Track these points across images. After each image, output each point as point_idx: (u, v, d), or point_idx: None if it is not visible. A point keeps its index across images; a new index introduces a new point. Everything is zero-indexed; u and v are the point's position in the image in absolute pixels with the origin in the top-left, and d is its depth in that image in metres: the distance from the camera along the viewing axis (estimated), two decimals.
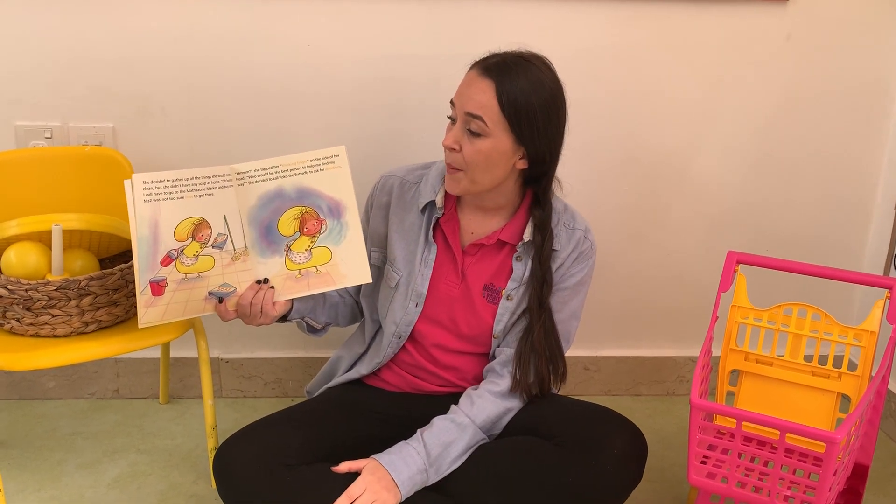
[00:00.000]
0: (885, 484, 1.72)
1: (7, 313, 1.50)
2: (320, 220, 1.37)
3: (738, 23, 1.81)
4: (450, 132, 1.35)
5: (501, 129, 1.31)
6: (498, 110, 1.30)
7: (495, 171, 1.35)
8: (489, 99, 1.30)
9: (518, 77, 1.30)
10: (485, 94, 1.30)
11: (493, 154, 1.33)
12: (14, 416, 1.87)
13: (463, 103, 1.33)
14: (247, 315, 1.37)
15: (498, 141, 1.32)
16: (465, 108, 1.32)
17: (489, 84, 1.30)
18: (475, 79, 1.32)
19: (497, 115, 1.30)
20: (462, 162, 1.34)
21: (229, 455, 1.32)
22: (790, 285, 1.82)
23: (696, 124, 1.88)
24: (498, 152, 1.33)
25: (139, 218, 1.30)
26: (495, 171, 1.35)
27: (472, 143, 1.33)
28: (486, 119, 1.30)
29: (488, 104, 1.30)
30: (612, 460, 1.31)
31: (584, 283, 1.47)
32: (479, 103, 1.30)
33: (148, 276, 1.32)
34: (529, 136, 1.32)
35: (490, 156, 1.33)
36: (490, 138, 1.32)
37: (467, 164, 1.34)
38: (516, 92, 1.30)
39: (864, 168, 1.95)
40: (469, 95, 1.32)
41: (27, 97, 1.73)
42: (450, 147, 1.35)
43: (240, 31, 1.72)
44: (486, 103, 1.30)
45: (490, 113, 1.30)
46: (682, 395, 2.08)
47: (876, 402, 1.45)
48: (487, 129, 1.31)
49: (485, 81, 1.30)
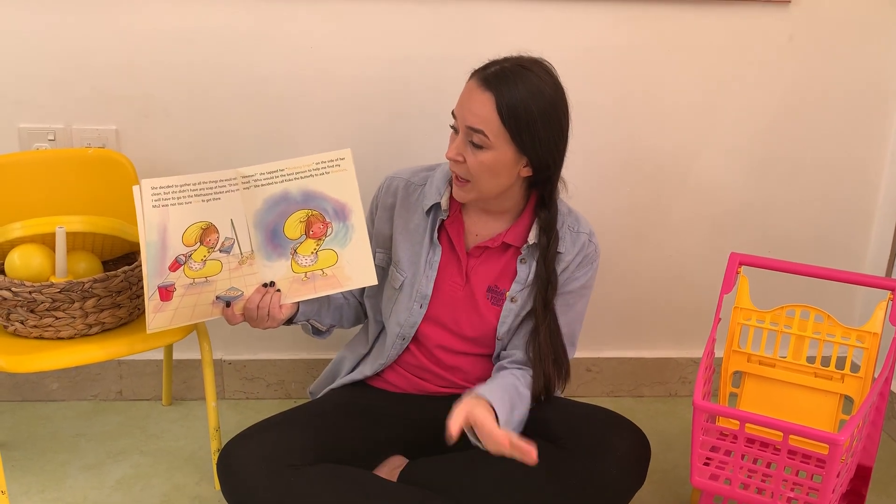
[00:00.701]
0: (888, 485, 1.72)
1: (11, 315, 1.50)
2: (326, 223, 1.37)
3: (740, 24, 1.81)
4: (453, 144, 1.35)
5: (503, 140, 1.31)
6: (499, 123, 1.29)
7: (500, 180, 1.36)
8: (489, 112, 1.29)
9: (517, 87, 1.29)
10: (485, 107, 1.30)
11: (496, 165, 1.33)
12: (18, 418, 1.87)
13: (464, 117, 1.32)
14: (254, 319, 1.37)
15: (501, 152, 1.32)
16: (465, 122, 1.32)
17: (489, 97, 1.29)
18: (475, 91, 1.32)
19: (498, 127, 1.30)
20: (467, 172, 1.35)
21: (233, 455, 1.33)
22: (793, 287, 1.82)
23: (698, 126, 1.88)
24: (501, 163, 1.33)
25: (148, 223, 1.30)
26: (500, 180, 1.36)
27: (476, 155, 1.32)
28: (488, 132, 1.30)
29: (488, 117, 1.29)
30: (616, 463, 1.31)
31: (589, 286, 1.48)
32: (479, 117, 1.30)
33: (156, 281, 1.31)
34: (531, 145, 1.32)
35: (494, 167, 1.33)
36: (492, 150, 1.32)
37: (472, 175, 1.34)
38: (516, 103, 1.29)
39: (867, 169, 1.95)
40: (469, 109, 1.31)
41: (30, 99, 1.74)
42: (453, 159, 1.35)
43: (242, 33, 1.72)
44: (486, 116, 1.30)
45: (491, 126, 1.30)
46: (685, 396, 2.08)
47: (879, 403, 1.45)
48: (489, 141, 1.31)
49: (485, 94, 1.30)
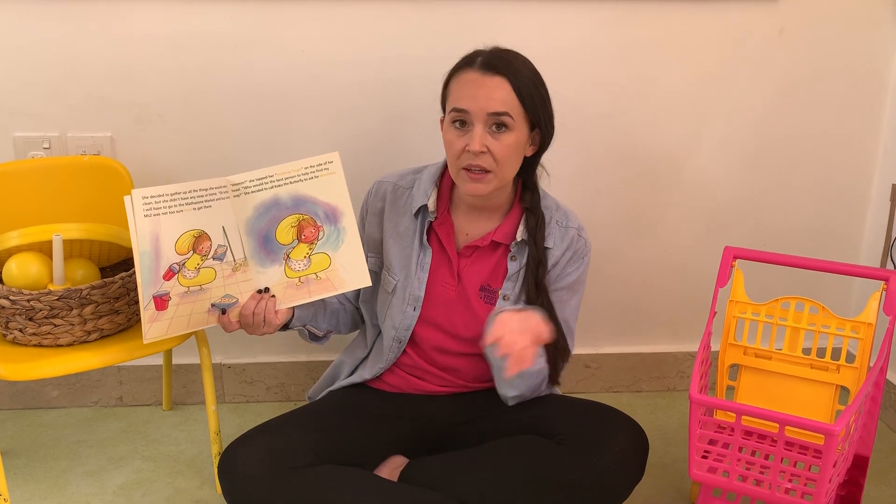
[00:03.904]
0: (886, 474, 1.73)
1: (10, 324, 1.50)
2: (317, 227, 1.38)
3: (731, 18, 1.81)
4: (473, 136, 1.32)
5: (522, 119, 1.35)
6: (518, 103, 1.33)
7: (516, 163, 1.39)
8: (507, 94, 1.32)
9: (520, 68, 1.35)
10: (503, 90, 1.32)
11: (518, 146, 1.36)
12: (18, 426, 1.88)
13: (482, 106, 1.32)
14: (249, 325, 1.38)
15: (520, 132, 1.35)
16: (487, 109, 1.32)
17: (502, 80, 1.32)
18: (483, 78, 1.33)
19: (518, 107, 1.33)
20: (492, 162, 1.34)
21: (234, 458, 1.33)
22: (787, 279, 1.83)
23: (691, 120, 1.89)
24: (521, 143, 1.37)
25: (140, 233, 1.31)
26: (516, 163, 1.39)
27: (499, 140, 1.34)
28: (512, 113, 1.33)
29: (508, 99, 1.33)
30: (614, 457, 1.32)
31: (581, 281, 1.48)
32: (500, 101, 1.32)
33: (151, 290, 1.32)
34: (543, 118, 1.37)
35: (517, 148, 1.36)
36: (514, 131, 1.34)
37: (498, 162, 1.35)
38: (526, 81, 1.34)
39: (860, 161, 1.96)
40: (487, 96, 1.32)
41: (25, 108, 1.74)
42: (478, 151, 1.33)
43: (235, 37, 1.73)
44: (506, 99, 1.32)
45: (513, 107, 1.33)
46: (683, 390, 2.09)
47: (874, 393, 1.46)
48: (514, 122, 1.34)
49: (496, 78, 1.32)
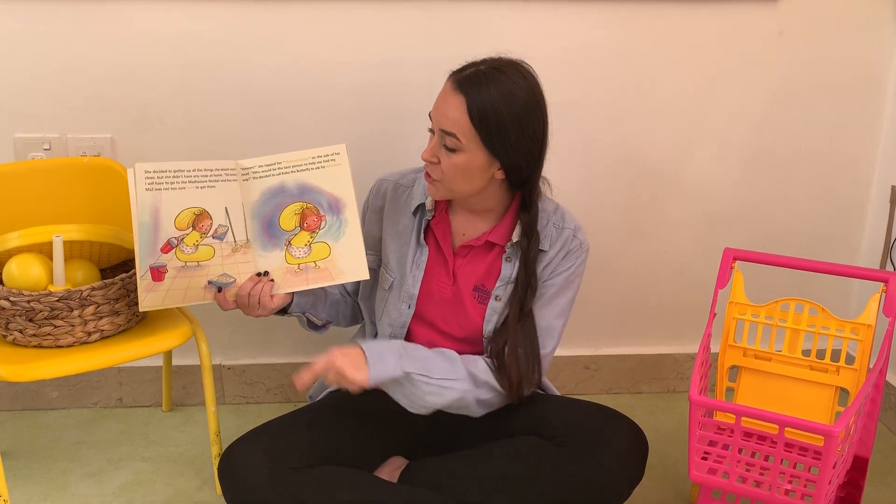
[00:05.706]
0: (885, 476, 1.73)
1: (10, 325, 1.51)
2: (320, 216, 1.40)
3: (730, 20, 1.82)
4: (428, 145, 1.37)
5: (475, 143, 1.32)
6: (469, 126, 1.30)
7: (473, 183, 1.36)
8: (461, 115, 1.30)
9: (489, 90, 1.30)
10: (457, 110, 1.30)
11: (468, 168, 1.34)
12: (18, 427, 1.88)
13: (438, 119, 1.34)
14: (245, 306, 1.40)
15: (472, 155, 1.33)
16: (439, 125, 1.33)
17: (461, 100, 1.30)
18: (449, 94, 1.33)
19: (469, 130, 1.31)
20: (440, 174, 1.36)
21: (234, 459, 1.33)
22: (787, 280, 1.83)
23: (690, 122, 1.89)
24: (474, 166, 1.34)
25: (140, 204, 1.34)
26: (473, 183, 1.36)
27: (449, 157, 1.34)
28: (459, 135, 1.31)
29: (460, 120, 1.30)
30: (614, 459, 1.32)
31: (573, 281, 1.46)
32: (451, 120, 1.31)
33: (148, 261, 1.36)
34: (502, 149, 1.32)
35: (466, 169, 1.34)
36: (464, 153, 1.32)
37: (444, 176, 1.36)
38: (487, 107, 1.29)
39: (859, 163, 1.96)
40: (442, 111, 1.33)
41: (25, 109, 1.74)
42: (428, 160, 1.36)
43: (236, 38, 1.73)
44: (457, 119, 1.30)
45: (462, 129, 1.31)
46: (683, 391, 2.09)
47: (874, 394, 1.46)
48: (461, 144, 1.31)
49: (457, 97, 1.31)
